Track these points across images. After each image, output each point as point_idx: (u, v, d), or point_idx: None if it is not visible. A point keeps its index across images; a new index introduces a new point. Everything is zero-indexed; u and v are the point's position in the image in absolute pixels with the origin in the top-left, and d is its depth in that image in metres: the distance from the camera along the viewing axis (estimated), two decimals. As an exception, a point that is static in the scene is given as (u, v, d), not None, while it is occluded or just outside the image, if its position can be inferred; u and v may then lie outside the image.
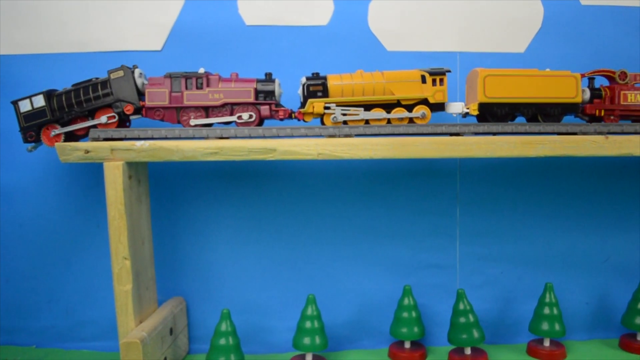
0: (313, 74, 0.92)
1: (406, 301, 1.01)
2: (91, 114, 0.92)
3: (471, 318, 0.98)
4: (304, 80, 0.91)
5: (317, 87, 0.90)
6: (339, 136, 0.89)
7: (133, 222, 0.91)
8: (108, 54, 1.05)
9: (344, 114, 0.90)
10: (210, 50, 1.05)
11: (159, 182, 1.05)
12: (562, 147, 0.88)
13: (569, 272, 1.09)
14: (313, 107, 0.90)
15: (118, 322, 0.90)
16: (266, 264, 1.08)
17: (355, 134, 0.89)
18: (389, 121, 0.91)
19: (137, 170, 0.93)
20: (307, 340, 0.96)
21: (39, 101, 0.90)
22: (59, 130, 0.92)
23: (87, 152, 0.88)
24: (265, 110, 0.91)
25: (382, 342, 1.06)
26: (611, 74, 0.95)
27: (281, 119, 0.92)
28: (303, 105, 0.91)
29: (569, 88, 0.90)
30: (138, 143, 0.87)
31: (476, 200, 1.07)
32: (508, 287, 1.09)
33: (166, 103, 0.91)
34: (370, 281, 1.08)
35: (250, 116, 0.90)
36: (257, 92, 0.90)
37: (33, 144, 0.95)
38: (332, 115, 0.90)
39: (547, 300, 1.01)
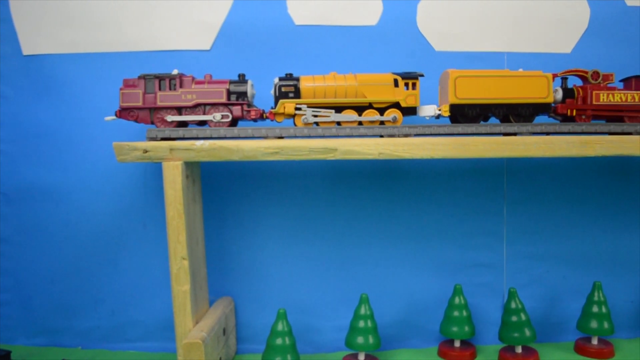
0: (286, 74, 0.92)
1: (457, 300, 1.01)
2: None
3: (523, 317, 0.99)
4: (276, 80, 0.91)
5: (289, 88, 0.90)
6: (398, 136, 0.89)
7: (190, 222, 0.91)
8: (157, 53, 1.05)
9: (315, 115, 0.90)
10: (259, 50, 1.05)
11: (208, 181, 1.05)
12: (619, 147, 0.88)
13: (614, 270, 1.10)
14: (284, 108, 0.90)
15: (176, 323, 0.90)
16: (314, 263, 1.08)
17: (414, 134, 0.90)
18: (360, 123, 0.91)
19: (192, 170, 0.93)
20: (360, 340, 0.97)
21: None
22: None
23: (145, 151, 0.87)
24: (237, 110, 0.91)
25: (430, 341, 1.07)
26: (584, 74, 0.94)
27: (253, 120, 0.92)
28: (275, 105, 0.91)
29: (541, 88, 0.91)
30: (198, 142, 0.87)
31: (523, 199, 1.08)
32: (554, 285, 1.10)
33: (140, 104, 0.91)
34: (418, 280, 1.08)
35: (223, 116, 0.91)
36: (230, 93, 0.91)
37: None
38: (303, 116, 0.90)
39: (596, 298, 1.02)
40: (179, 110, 0.91)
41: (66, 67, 1.05)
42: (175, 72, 0.91)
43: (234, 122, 0.93)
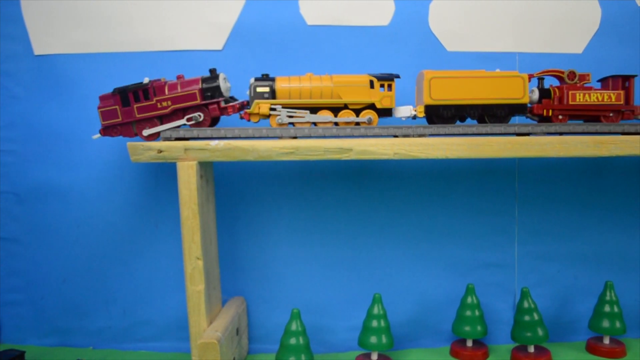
0: (262, 75, 0.92)
1: (469, 300, 1.02)
2: None
3: (535, 316, 0.99)
4: (252, 81, 0.91)
5: (264, 89, 0.90)
6: (413, 136, 0.89)
7: (204, 222, 0.91)
8: (168, 53, 1.05)
9: (290, 116, 0.90)
10: (271, 50, 1.05)
11: (219, 181, 1.05)
12: (633, 147, 0.88)
13: (625, 270, 1.10)
14: (259, 108, 0.90)
15: (190, 323, 0.90)
16: (326, 263, 1.08)
17: (429, 134, 0.90)
18: (336, 124, 0.91)
19: (206, 170, 0.93)
20: (373, 339, 0.97)
21: None
22: None
23: (160, 151, 0.87)
24: (214, 109, 0.91)
25: (442, 341, 1.07)
26: (560, 74, 0.94)
27: (235, 114, 0.92)
28: (250, 105, 0.91)
29: (516, 89, 0.90)
30: (212, 142, 0.87)
31: (534, 199, 1.08)
32: (565, 285, 1.10)
33: (119, 120, 0.91)
34: (430, 280, 1.08)
35: (199, 116, 0.90)
36: (204, 92, 0.90)
37: None
38: (278, 117, 0.90)
39: (608, 298, 1.02)
40: (160, 118, 0.91)
41: (78, 67, 1.05)
42: (146, 80, 0.91)
43: (214, 121, 0.92)
